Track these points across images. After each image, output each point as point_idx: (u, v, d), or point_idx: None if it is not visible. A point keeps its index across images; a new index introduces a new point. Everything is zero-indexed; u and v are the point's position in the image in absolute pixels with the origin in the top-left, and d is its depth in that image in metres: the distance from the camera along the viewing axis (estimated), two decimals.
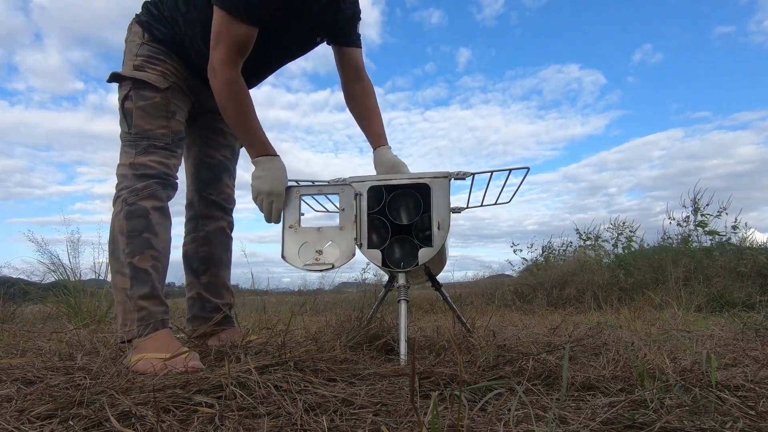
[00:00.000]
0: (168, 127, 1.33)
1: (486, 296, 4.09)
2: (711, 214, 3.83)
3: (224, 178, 1.58)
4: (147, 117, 1.31)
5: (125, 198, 1.26)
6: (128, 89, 1.32)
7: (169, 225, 1.33)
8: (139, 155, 1.29)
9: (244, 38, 1.24)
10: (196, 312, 1.53)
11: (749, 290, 2.96)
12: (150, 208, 1.26)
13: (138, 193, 1.26)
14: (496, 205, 1.51)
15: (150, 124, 1.31)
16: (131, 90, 1.32)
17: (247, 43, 1.26)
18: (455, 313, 1.61)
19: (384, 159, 1.49)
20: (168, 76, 1.35)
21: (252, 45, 1.27)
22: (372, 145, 1.54)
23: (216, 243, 1.54)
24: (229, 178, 1.60)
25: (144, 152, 1.29)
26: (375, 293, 3.15)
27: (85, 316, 2.45)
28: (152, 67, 1.33)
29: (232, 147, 1.61)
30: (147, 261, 1.23)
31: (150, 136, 1.30)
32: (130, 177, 1.28)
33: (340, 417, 0.73)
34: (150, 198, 1.27)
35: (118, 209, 1.26)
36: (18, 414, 0.72)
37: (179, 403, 0.77)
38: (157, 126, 1.32)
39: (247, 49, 1.27)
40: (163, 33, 1.35)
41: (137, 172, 1.28)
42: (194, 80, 1.42)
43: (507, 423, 0.68)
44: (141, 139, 1.30)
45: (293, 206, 1.40)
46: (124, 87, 1.33)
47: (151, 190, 1.27)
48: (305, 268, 1.36)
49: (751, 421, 0.70)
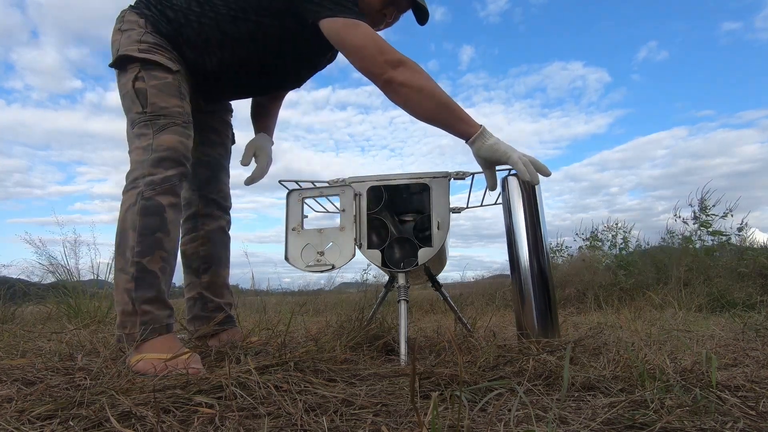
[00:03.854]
0: (182, 106, 1.29)
1: (486, 296, 4.09)
2: (717, 215, 3.82)
3: (221, 177, 1.57)
4: (162, 95, 1.26)
5: (142, 191, 1.19)
6: (137, 70, 1.27)
7: (180, 221, 1.28)
8: (158, 134, 1.23)
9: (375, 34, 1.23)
10: (197, 312, 1.52)
11: (750, 290, 2.95)
12: (166, 205, 1.21)
13: (155, 187, 1.20)
14: (496, 205, 1.51)
15: (166, 102, 1.26)
16: (141, 71, 1.27)
17: None
18: (455, 313, 1.61)
19: (263, 140, 1.60)
20: (175, 63, 1.31)
21: None
22: (261, 130, 1.63)
23: (216, 242, 1.53)
24: (225, 176, 1.59)
25: (163, 130, 1.23)
26: (375, 293, 3.15)
27: (85, 317, 2.45)
28: (160, 53, 1.30)
29: (225, 145, 1.60)
30: (156, 262, 1.18)
31: (168, 114, 1.25)
32: (148, 163, 1.21)
33: (340, 417, 0.73)
34: (167, 194, 1.21)
35: (132, 201, 1.20)
36: (18, 414, 0.72)
37: (179, 404, 0.77)
38: (174, 104, 1.27)
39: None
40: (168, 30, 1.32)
41: (157, 155, 1.22)
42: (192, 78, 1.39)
43: (507, 423, 0.68)
44: (158, 117, 1.24)
45: (296, 209, 1.41)
46: (132, 69, 1.28)
47: (169, 185, 1.22)
48: (308, 269, 1.37)
49: (752, 421, 0.70)
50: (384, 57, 1.20)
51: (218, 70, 1.36)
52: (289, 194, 1.44)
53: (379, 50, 1.21)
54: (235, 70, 1.37)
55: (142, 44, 1.29)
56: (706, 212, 3.85)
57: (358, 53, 1.22)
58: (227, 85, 1.45)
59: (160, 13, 1.32)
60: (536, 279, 1.24)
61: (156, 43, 1.30)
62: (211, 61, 1.34)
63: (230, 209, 1.60)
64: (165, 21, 1.32)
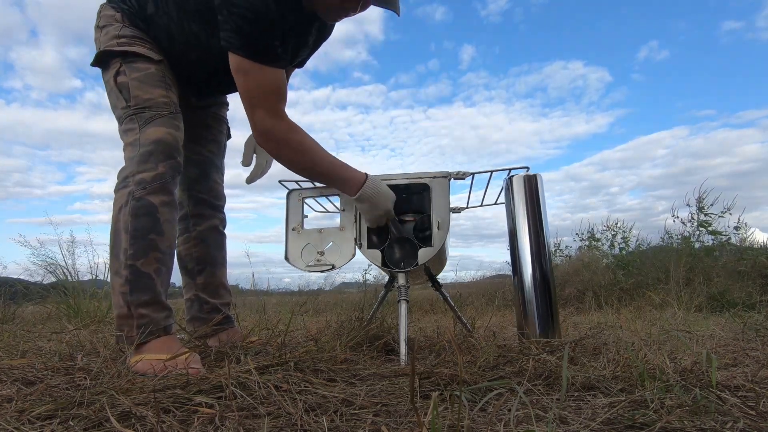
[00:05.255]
0: (168, 96, 1.25)
1: (486, 296, 4.09)
2: (715, 214, 3.82)
3: (212, 175, 1.54)
4: (145, 87, 1.23)
5: (132, 191, 1.17)
6: (119, 65, 1.24)
7: (176, 218, 1.26)
8: (144, 128, 1.20)
9: (278, 82, 1.18)
10: (194, 313, 1.51)
11: (750, 290, 2.95)
12: (159, 204, 1.18)
13: (146, 186, 1.17)
14: (496, 205, 1.51)
15: (149, 93, 1.22)
16: (122, 65, 1.24)
17: (283, 86, 1.20)
18: (455, 313, 1.61)
19: None
20: (157, 53, 1.28)
21: (286, 89, 1.23)
22: None
23: (210, 242, 1.51)
24: (217, 173, 1.56)
25: (149, 123, 1.20)
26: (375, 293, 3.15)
27: (85, 317, 2.45)
28: (140, 44, 1.26)
29: (218, 142, 1.56)
30: (151, 264, 1.15)
31: (152, 105, 1.22)
32: (136, 159, 1.19)
33: (340, 417, 0.73)
34: (159, 192, 1.18)
35: (124, 201, 1.17)
36: (18, 414, 0.72)
37: (179, 404, 0.77)
38: (158, 95, 1.23)
39: (285, 93, 1.22)
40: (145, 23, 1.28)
41: (145, 150, 1.18)
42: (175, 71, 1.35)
43: (507, 423, 0.68)
44: (143, 110, 1.21)
45: (296, 209, 1.41)
46: (114, 65, 1.25)
47: (160, 183, 1.18)
48: (308, 269, 1.37)
49: (752, 421, 0.70)
50: (261, 113, 1.17)
51: (200, 62, 1.33)
52: (289, 194, 1.44)
53: (259, 105, 1.17)
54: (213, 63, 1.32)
55: (121, 38, 1.26)
56: (703, 212, 3.84)
57: (243, 98, 1.19)
58: (211, 78, 1.41)
59: (139, 5, 1.28)
60: (538, 285, 1.26)
61: (135, 36, 1.27)
62: (194, 53, 1.30)
63: (224, 207, 1.58)
64: (143, 14, 1.28)
